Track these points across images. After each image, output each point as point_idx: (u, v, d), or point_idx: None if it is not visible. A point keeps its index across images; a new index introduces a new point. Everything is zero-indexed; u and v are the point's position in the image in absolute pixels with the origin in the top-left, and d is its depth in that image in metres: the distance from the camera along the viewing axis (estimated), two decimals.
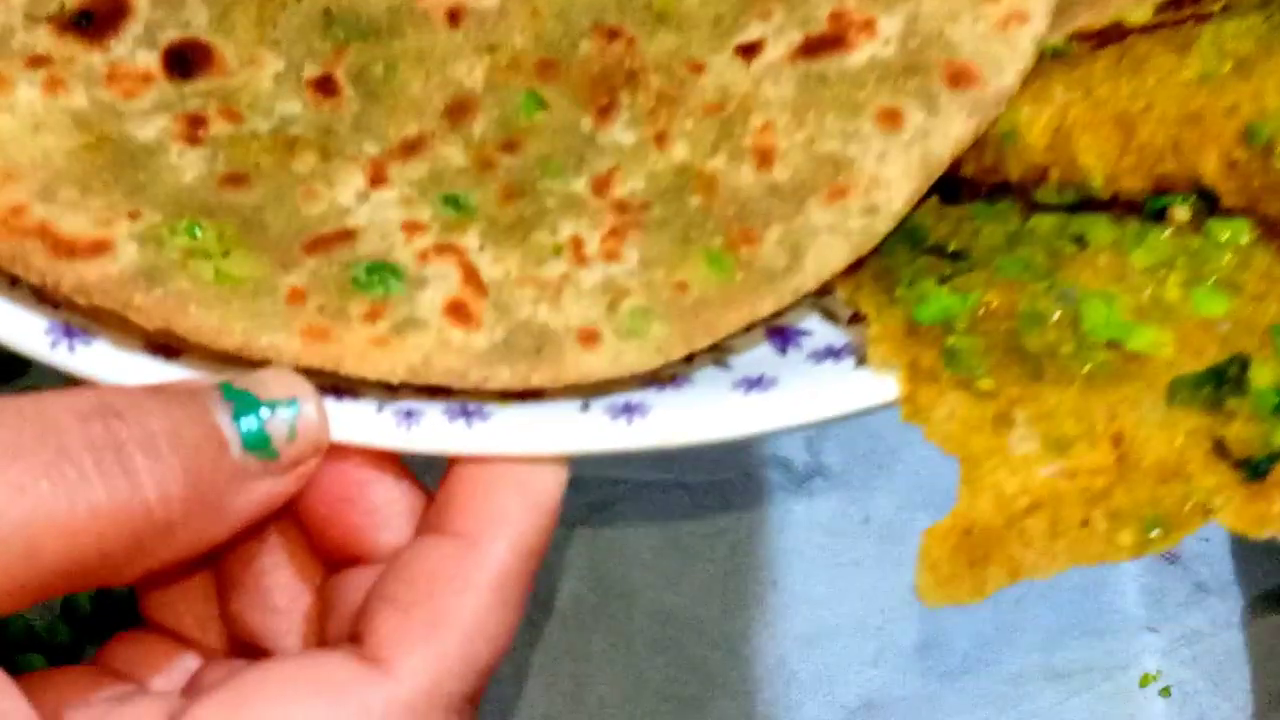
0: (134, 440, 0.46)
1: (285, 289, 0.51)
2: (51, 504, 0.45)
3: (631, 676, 0.85)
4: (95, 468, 0.45)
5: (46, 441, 0.45)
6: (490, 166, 0.55)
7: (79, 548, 0.45)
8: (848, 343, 0.54)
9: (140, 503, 0.46)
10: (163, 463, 0.47)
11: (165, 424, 0.47)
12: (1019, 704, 0.85)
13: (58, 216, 0.52)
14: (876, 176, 0.53)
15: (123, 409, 0.47)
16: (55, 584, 0.46)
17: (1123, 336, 0.51)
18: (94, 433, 0.46)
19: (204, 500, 0.48)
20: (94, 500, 0.45)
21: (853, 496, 0.91)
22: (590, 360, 0.51)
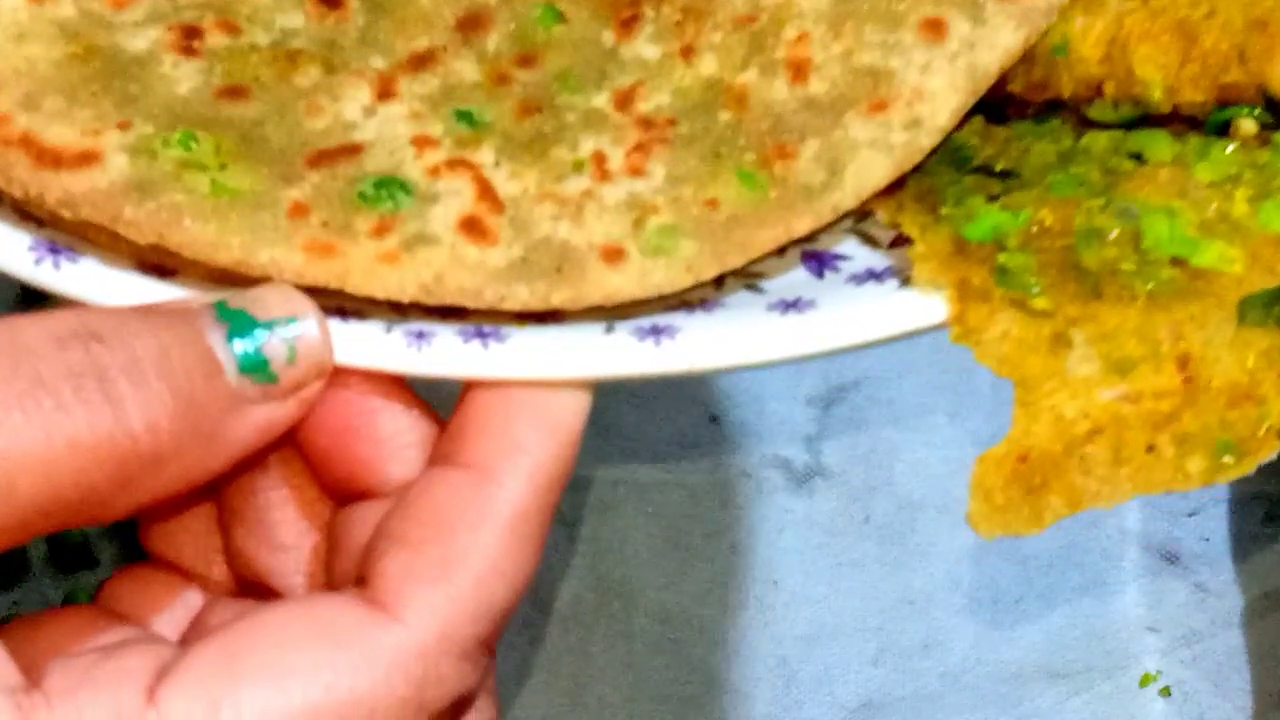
0: (117, 365, 0.43)
1: (287, 202, 0.48)
2: (26, 437, 0.41)
3: (631, 676, 0.85)
4: (74, 396, 0.42)
5: (19, 369, 0.42)
6: (505, 82, 0.52)
7: (58, 483, 0.42)
8: (889, 266, 0.50)
9: (125, 433, 0.42)
10: (149, 389, 0.43)
11: (152, 347, 0.44)
12: (1019, 704, 0.85)
13: (42, 126, 0.48)
14: (920, 89, 0.50)
15: (105, 332, 0.43)
16: (35, 523, 0.42)
17: (1188, 252, 0.48)
18: (73, 358, 0.42)
19: (196, 429, 0.44)
20: (73, 432, 0.42)
21: (853, 496, 0.90)
22: (615, 279, 0.48)
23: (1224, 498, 0.90)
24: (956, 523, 0.86)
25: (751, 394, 0.91)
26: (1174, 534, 0.89)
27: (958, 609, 0.87)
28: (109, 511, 0.44)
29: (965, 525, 0.48)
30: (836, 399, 0.91)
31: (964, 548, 0.88)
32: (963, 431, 0.90)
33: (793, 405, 0.92)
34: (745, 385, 0.91)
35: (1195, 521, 0.89)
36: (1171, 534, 0.89)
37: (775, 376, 0.91)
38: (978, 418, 0.90)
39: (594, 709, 0.84)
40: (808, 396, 0.92)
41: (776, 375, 0.91)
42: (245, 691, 0.42)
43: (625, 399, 0.46)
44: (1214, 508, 0.90)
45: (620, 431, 0.44)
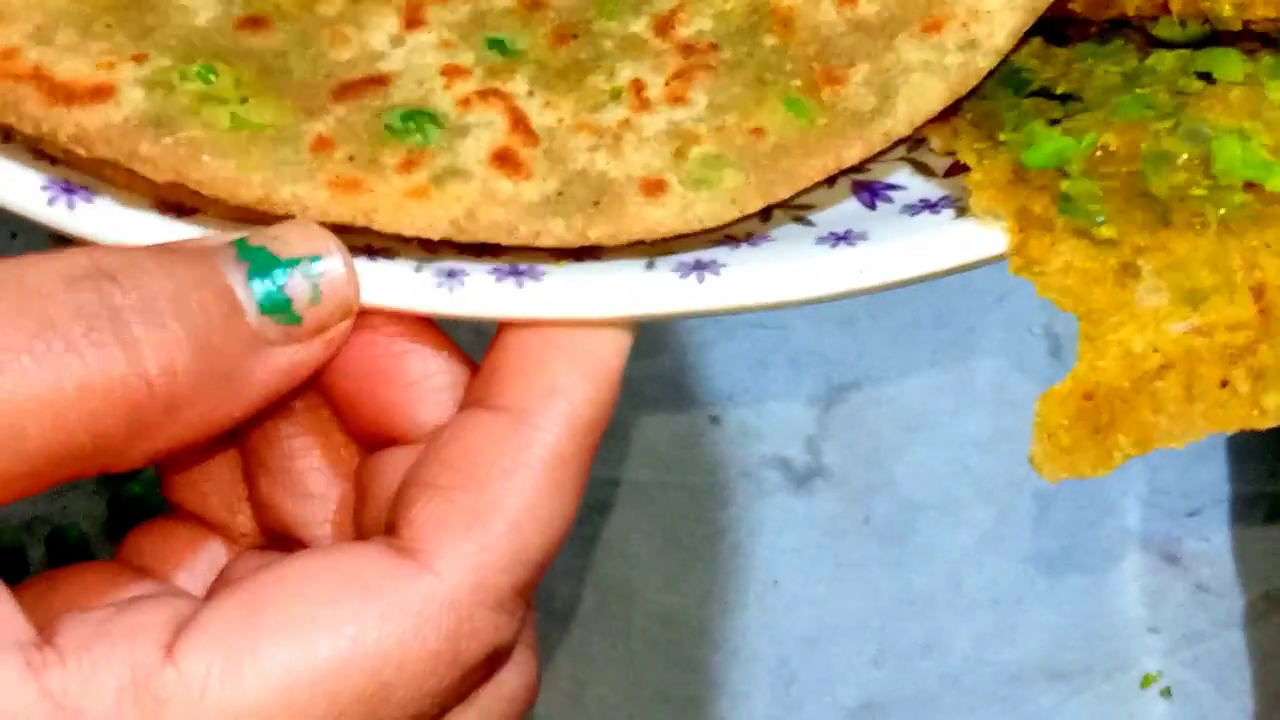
0: (130, 306, 0.41)
1: (310, 136, 0.46)
2: (35, 381, 0.39)
3: (631, 677, 0.85)
4: (85, 338, 0.40)
5: (28, 311, 0.40)
6: (539, 7, 0.49)
7: (69, 429, 0.40)
8: (945, 195, 0.48)
9: (138, 376, 0.40)
10: (164, 330, 0.41)
11: (168, 287, 0.42)
12: (1019, 704, 0.85)
13: (54, 60, 0.46)
14: (975, 8, 0.48)
15: (118, 271, 0.41)
16: (46, 471, 0.41)
17: (1262, 176, 0.45)
18: (84, 299, 0.40)
19: (215, 372, 0.42)
20: (84, 375, 0.40)
21: (853, 496, 0.89)
22: (655, 213, 0.46)
23: (1225, 498, 0.89)
24: (957, 523, 0.86)
25: (751, 394, 0.91)
26: (1174, 534, 0.88)
27: (958, 609, 0.87)
28: (124, 459, 0.42)
29: (965, 525, 0.46)
30: (836, 399, 0.90)
31: (964, 548, 0.88)
32: (963, 431, 0.90)
33: (793, 405, 0.91)
34: (745, 385, 0.91)
35: (1195, 521, 0.88)
36: (1172, 534, 0.88)
37: (775, 377, 0.91)
38: (978, 418, 0.89)
39: (594, 709, 0.84)
40: (808, 396, 0.91)
41: (776, 375, 0.91)
42: (267, 646, 0.40)
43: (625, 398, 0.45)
44: (1214, 508, 0.89)
45: (620, 431, 0.43)
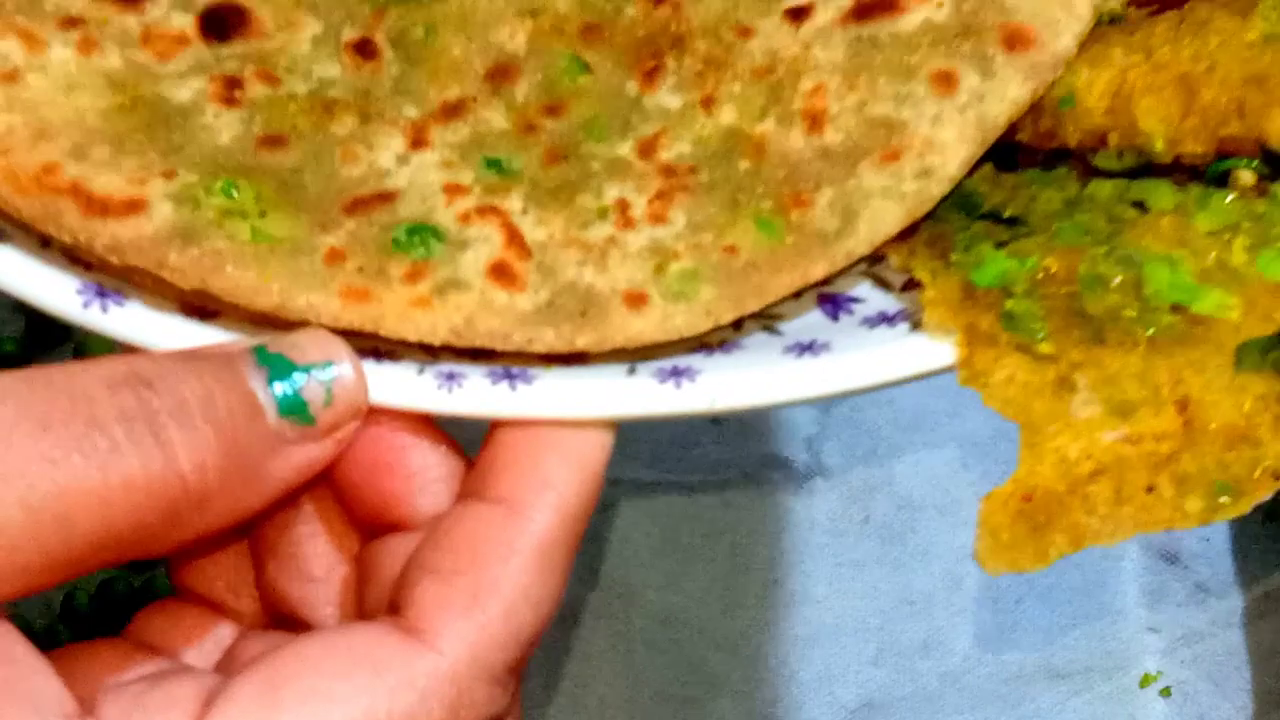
0: (166, 409, 0.45)
1: (324, 249, 0.50)
2: (84, 476, 0.43)
3: (631, 676, 0.85)
4: (127, 438, 0.44)
5: (77, 412, 0.44)
6: (533, 130, 0.54)
7: (113, 520, 0.44)
8: (901, 309, 0.52)
9: (174, 473, 0.45)
10: (196, 432, 0.45)
11: (198, 391, 0.46)
12: (1019, 704, 0.85)
13: (91, 175, 0.50)
14: (930, 139, 0.52)
15: (154, 377, 0.45)
16: (90, 558, 0.45)
17: (1188, 299, 0.50)
18: (125, 402, 0.44)
19: (240, 469, 0.46)
20: (127, 471, 0.44)
21: (853, 496, 0.90)
22: (637, 323, 0.50)
23: None
24: (956, 523, 0.88)
25: None
26: (1174, 534, 0.88)
27: (958, 609, 0.88)
28: (158, 547, 0.46)
29: (965, 525, 0.49)
30: (836, 399, 0.91)
31: (964, 548, 0.86)
32: (962, 431, 0.91)
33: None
34: None
35: None
36: (1171, 534, 0.86)
37: None
38: (978, 418, 0.89)
39: (594, 709, 0.84)
40: None
41: None
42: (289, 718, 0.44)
43: None
44: None
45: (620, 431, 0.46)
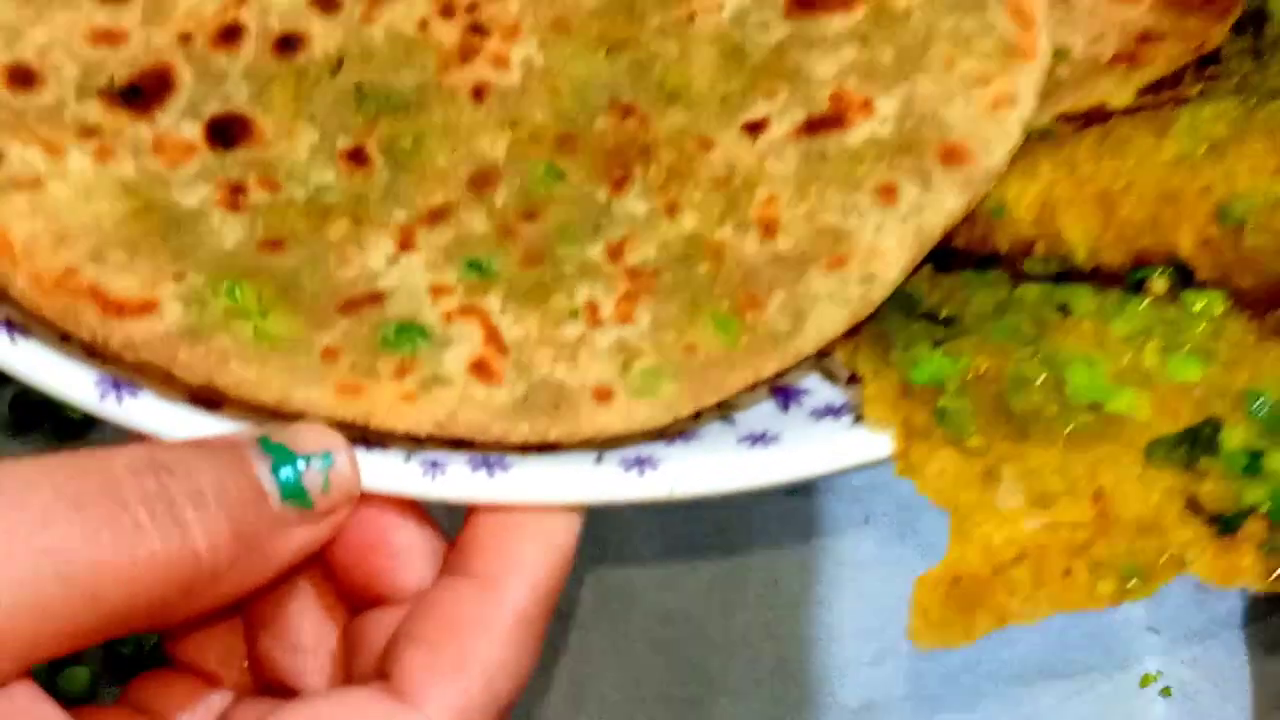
0: (183, 493, 0.50)
1: (320, 347, 0.55)
2: (113, 553, 0.48)
3: (631, 676, 0.85)
4: (150, 519, 0.49)
5: (106, 494, 0.49)
6: (511, 234, 0.58)
7: (136, 593, 0.49)
8: (846, 401, 0.57)
9: (191, 552, 0.49)
10: (210, 514, 0.50)
11: (211, 477, 0.51)
12: (1019, 704, 0.85)
13: (108, 278, 0.55)
14: (874, 248, 0.57)
15: (172, 463, 0.50)
16: (113, 627, 0.49)
17: (1104, 399, 0.55)
18: (148, 486, 0.49)
19: (247, 548, 0.51)
20: (150, 550, 0.49)
21: (853, 496, 0.91)
22: (604, 416, 0.55)
23: None
24: None
25: None
26: None
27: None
28: (173, 618, 0.51)
29: None
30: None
31: None
32: None
33: None
34: None
35: None
36: None
37: None
38: None
39: (594, 709, 0.85)
40: None
41: None
42: None
43: None
44: None
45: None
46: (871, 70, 0.59)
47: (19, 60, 0.59)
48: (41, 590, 0.47)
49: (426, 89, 0.61)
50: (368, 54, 0.61)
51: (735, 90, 0.60)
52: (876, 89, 0.59)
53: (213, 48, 0.60)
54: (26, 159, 0.57)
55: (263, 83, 0.60)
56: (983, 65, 0.59)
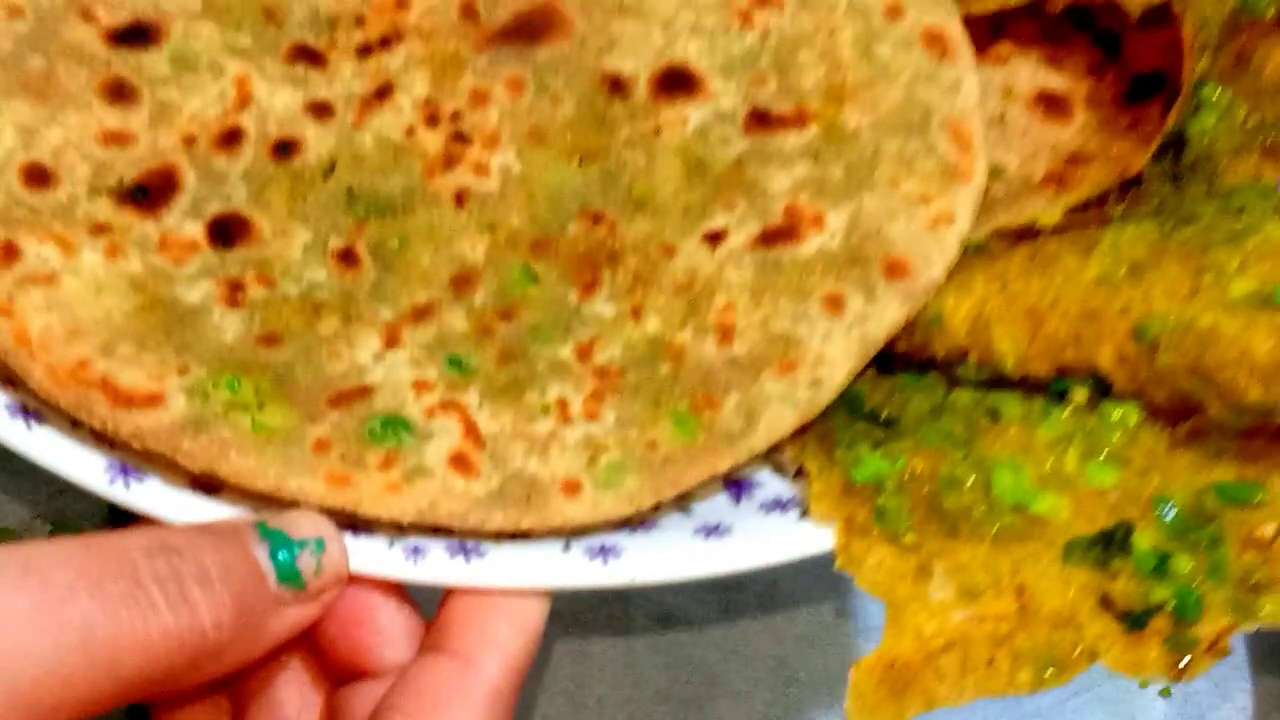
0: (191, 574, 0.55)
1: (312, 439, 0.60)
2: (130, 628, 0.53)
3: (631, 676, 0.85)
4: (163, 598, 0.54)
5: (124, 575, 0.53)
6: (489, 332, 0.63)
7: (150, 664, 0.53)
8: (793, 495, 0.63)
9: (198, 628, 0.54)
10: (215, 594, 0.55)
11: (216, 559, 0.56)
12: (1019, 704, 0.85)
13: (117, 371, 0.60)
14: (821, 354, 0.62)
15: (180, 546, 0.55)
16: (128, 694, 0.54)
17: (1027, 501, 0.60)
18: (160, 568, 0.54)
19: (247, 625, 0.56)
20: (164, 625, 0.53)
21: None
22: (572, 508, 0.60)
23: None
24: None
25: None
26: None
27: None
28: (179, 687, 0.56)
29: None
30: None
31: None
32: None
33: None
34: None
35: None
36: None
37: None
38: None
39: (594, 709, 0.86)
40: None
41: None
42: None
43: None
44: None
45: None
46: (823, 186, 0.65)
47: (35, 160, 0.63)
48: (67, 660, 0.51)
49: (412, 193, 0.65)
50: (358, 159, 0.66)
51: (697, 201, 0.65)
52: (827, 204, 0.64)
53: (215, 150, 0.65)
54: (42, 255, 0.61)
55: (261, 184, 0.65)
56: (924, 185, 0.64)
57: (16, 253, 0.61)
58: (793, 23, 0.67)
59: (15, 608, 0.50)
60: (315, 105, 0.66)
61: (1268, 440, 0.60)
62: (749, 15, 0.68)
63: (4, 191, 0.62)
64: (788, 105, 0.66)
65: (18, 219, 0.62)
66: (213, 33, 0.67)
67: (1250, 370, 0.58)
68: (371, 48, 0.67)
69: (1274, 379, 0.57)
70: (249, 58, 0.67)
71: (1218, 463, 0.60)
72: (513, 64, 0.67)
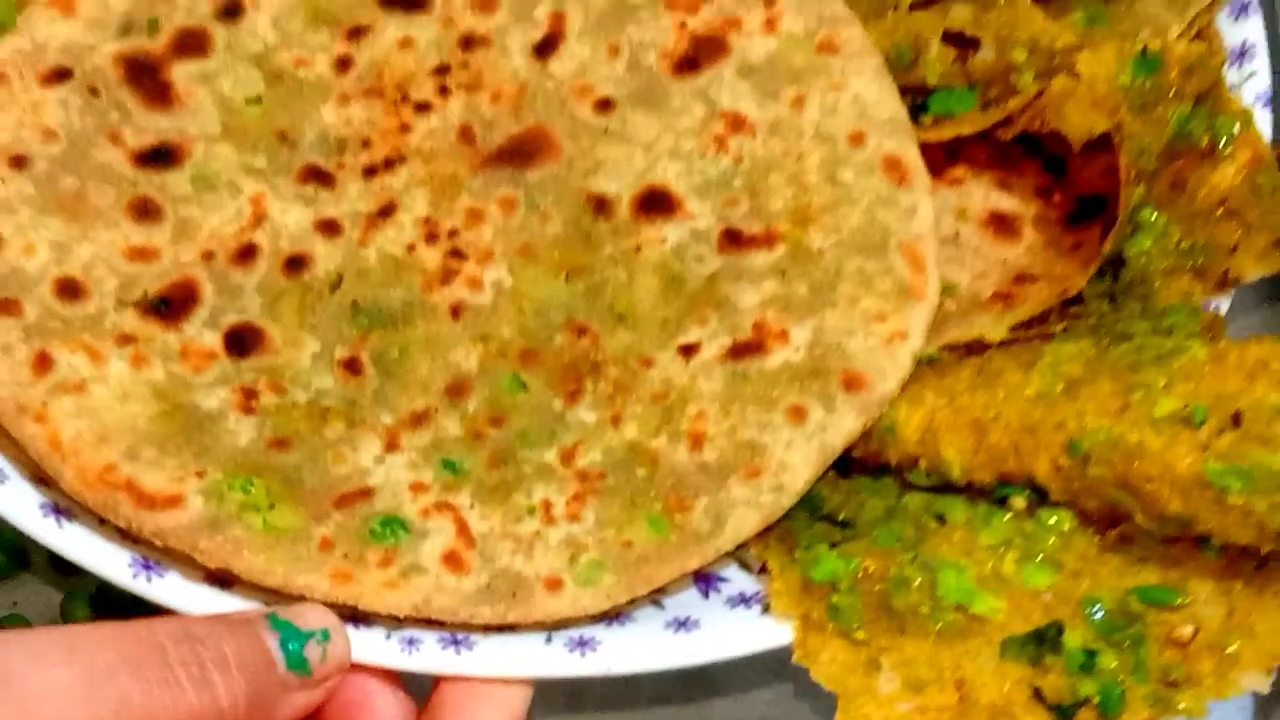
0: (212, 660, 0.60)
1: (317, 538, 0.66)
2: (162, 705, 0.58)
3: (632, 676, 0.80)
4: (188, 680, 0.59)
5: (156, 658, 0.59)
6: (480, 437, 0.69)
7: None
8: (757, 591, 0.69)
9: (217, 708, 0.60)
10: (232, 678, 0.61)
11: (232, 647, 0.61)
12: None
13: (141, 474, 0.66)
14: (784, 461, 0.68)
15: (202, 635, 0.61)
16: None
17: (968, 601, 0.66)
18: (185, 654, 0.60)
19: (259, 708, 0.62)
20: (189, 705, 0.59)
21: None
22: (554, 603, 0.66)
23: None
24: None
25: None
26: None
27: None
28: None
29: None
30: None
31: None
32: None
33: None
34: None
35: None
36: None
37: None
38: None
39: (594, 709, 0.87)
40: None
41: None
42: None
43: None
44: None
45: None
46: (789, 303, 0.70)
47: (68, 274, 0.69)
48: None
49: (412, 306, 0.71)
50: (363, 273, 0.72)
51: (673, 315, 0.71)
52: (792, 320, 0.70)
53: (231, 265, 0.71)
54: (73, 364, 0.67)
55: (273, 297, 0.71)
56: (882, 304, 0.70)
57: (50, 362, 0.67)
58: (764, 147, 0.73)
59: (61, 682, 0.56)
60: (324, 223, 0.72)
61: (1188, 547, 0.66)
62: (724, 140, 0.74)
63: (39, 304, 0.68)
64: (758, 226, 0.72)
65: (51, 330, 0.68)
66: (231, 154, 0.73)
67: (1171, 484, 0.64)
68: (376, 169, 0.73)
69: (1192, 493, 0.63)
70: (264, 178, 0.73)
71: (1143, 567, 0.66)
72: (506, 185, 0.73)
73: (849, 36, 0.75)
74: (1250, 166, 0.72)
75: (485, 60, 0.75)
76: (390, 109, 0.74)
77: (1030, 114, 0.73)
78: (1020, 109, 0.73)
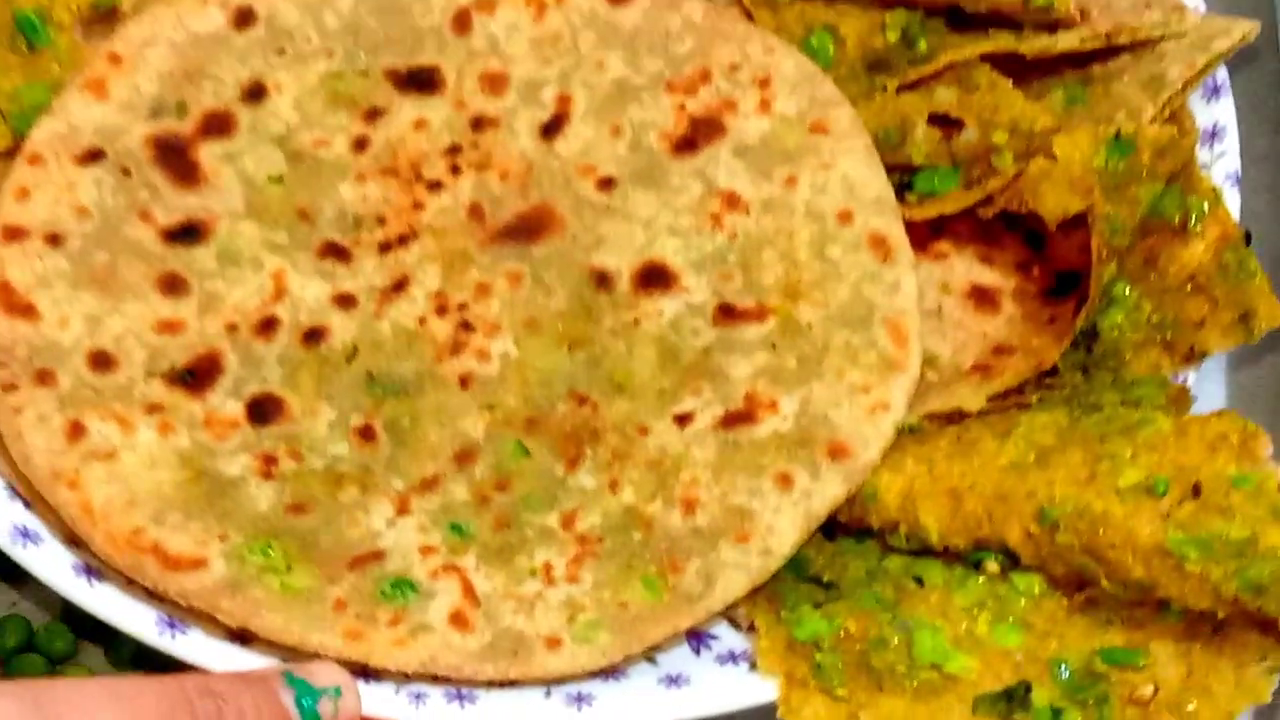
0: (232, 715, 0.65)
1: (332, 599, 0.70)
2: None
3: None
4: None
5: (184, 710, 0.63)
6: (486, 501, 0.74)
7: None
8: (745, 649, 0.73)
9: None
10: None
11: (251, 703, 0.66)
12: None
13: (167, 538, 0.70)
14: (771, 526, 0.72)
15: (223, 691, 0.65)
16: None
17: (943, 660, 0.70)
18: (209, 708, 0.64)
19: None
20: None
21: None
22: (553, 661, 0.70)
23: None
24: None
25: None
26: None
27: None
28: None
29: None
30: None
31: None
32: None
33: None
34: None
35: None
36: None
37: None
38: None
39: None
40: None
41: None
42: None
43: None
44: None
45: None
46: (778, 375, 0.75)
47: (100, 347, 0.74)
48: None
49: (423, 376, 0.76)
50: (377, 345, 0.76)
51: (669, 386, 0.75)
52: (781, 391, 0.74)
53: (254, 337, 0.76)
54: (104, 433, 0.72)
55: (293, 367, 0.75)
56: (866, 376, 0.74)
57: (83, 431, 0.72)
58: (757, 224, 0.78)
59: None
60: (341, 296, 0.77)
61: (1150, 611, 0.70)
62: (719, 217, 0.78)
63: (72, 375, 0.73)
64: (751, 300, 0.76)
65: (84, 399, 0.72)
66: (254, 231, 0.77)
67: (1134, 552, 0.68)
68: (391, 244, 0.78)
69: (1153, 560, 0.67)
70: (285, 253, 0.77)
71: (1108, 629, 0.70)
72: (513, 259, 0.78)
73: (839, 117, 0.79)
74: (1218, 244, 0.75)
75: (494, 140, 0.80)
76: (404, 187, 0.79)
77: (1009, 194, 0.77)
78: (1000, 189, 0.77)
